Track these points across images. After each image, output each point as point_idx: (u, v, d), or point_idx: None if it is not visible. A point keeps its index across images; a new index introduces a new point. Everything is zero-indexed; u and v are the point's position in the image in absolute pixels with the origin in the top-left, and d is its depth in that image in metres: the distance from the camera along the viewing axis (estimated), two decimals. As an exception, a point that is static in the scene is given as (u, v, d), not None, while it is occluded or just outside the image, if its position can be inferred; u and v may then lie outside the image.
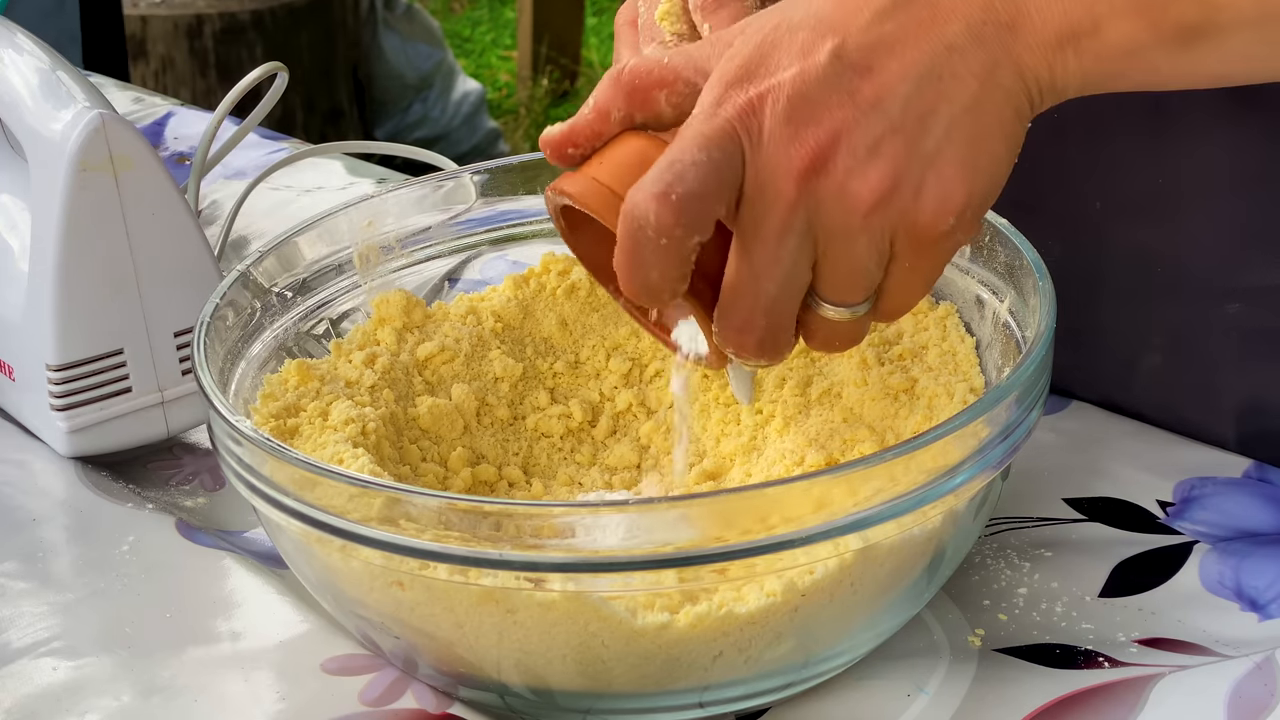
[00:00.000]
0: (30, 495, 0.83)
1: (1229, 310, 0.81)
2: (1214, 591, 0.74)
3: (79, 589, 0.76)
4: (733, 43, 0.62)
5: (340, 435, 0.72)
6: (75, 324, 0.83)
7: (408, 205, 0.84)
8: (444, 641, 0.65)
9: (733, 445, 0.78)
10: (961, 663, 0.70)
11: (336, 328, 0.82)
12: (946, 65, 0.60)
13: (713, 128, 0.60)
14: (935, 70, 0.60)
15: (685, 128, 0.60)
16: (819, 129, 0.59)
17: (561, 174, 0.65)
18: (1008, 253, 0.74)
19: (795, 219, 0.60)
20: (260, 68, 0.96)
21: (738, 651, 0.64)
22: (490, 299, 0.83)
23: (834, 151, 0.59)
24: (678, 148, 0.60)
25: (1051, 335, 0.67)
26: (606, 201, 0.62)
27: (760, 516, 0.60)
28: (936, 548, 0.66)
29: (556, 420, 0.81)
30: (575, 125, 0.64)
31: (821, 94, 0.59)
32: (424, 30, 3.34)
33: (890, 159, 0.60)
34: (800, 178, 0.60)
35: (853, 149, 0.60)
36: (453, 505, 0.61)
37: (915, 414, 0.72)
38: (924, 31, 0.60)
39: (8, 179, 0.90)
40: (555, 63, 3.90)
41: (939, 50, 0.60)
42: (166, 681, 0.70)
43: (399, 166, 1.41)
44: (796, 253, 0.60)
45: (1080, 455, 0.83)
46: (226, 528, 0.82)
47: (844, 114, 0.59)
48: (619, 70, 0.63)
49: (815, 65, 0.60)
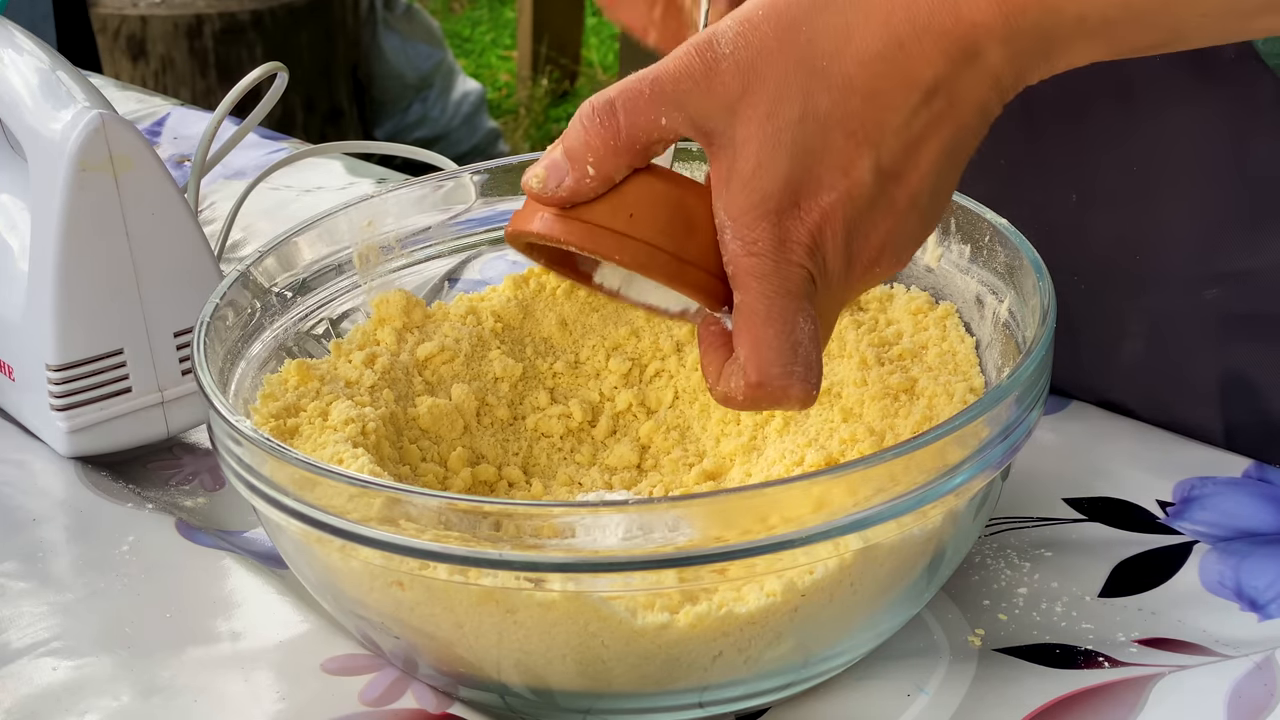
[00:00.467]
0: (30, 495, 0.83)
1: (1207, 296, 0.82)
2: (1214, 591, 0.74)
3: (79, 589, 0.76)
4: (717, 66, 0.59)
5: (340, 435, 0.72)
6: (75, 324, 0.83)
7: (408, 205, 0.84)
8: (444, 641, 0.65)
9: (733, 445, 0.78)
10: (961, 663, 0.70)
11: (336, 328, 0.82)
12: (961, 145, 0.61)
13: (796, 283, 0.60)
14: (951, 151, 0.61)
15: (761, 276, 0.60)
16: (867, 246, 0.61)
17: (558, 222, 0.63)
18: (1008, 253, 0.74)
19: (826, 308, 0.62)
20: (260, 68, 0.96)
21: (737, 651, 0.64)
22: (490, 299, 0.83)
23: (881, 262, 0.62)
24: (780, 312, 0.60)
25: (1051, 335, 0.67)
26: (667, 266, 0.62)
27: (760, 516, 0.60)
28: (936, 548, 0.66)
29: (556, 420, 0.81)
30: (577, 190, 0.61)
31: (869, 215, 0.60)
32: (424, 30, 3.34)
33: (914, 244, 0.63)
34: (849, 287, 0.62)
35: (897, 257, 0.62)
36: (453, 505, 0.61)
37: (915, 414, 0.72)
38: (943, 121, 0.60)
39: (8, 179, 0.90)
40: (555, 63, 3.90)
41: (955, 133, 0.60)
42: (166, 681, 0.70)
43: (399, 166, 1.41)
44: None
45: (1080, 455, 0.83)
46: (226, 528, 0.82)
47: (887, 225, 0.61)
48: (615, 130, 0.60)
49: (860, 185, 0.59)
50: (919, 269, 0.80)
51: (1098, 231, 0.84)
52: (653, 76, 0.60)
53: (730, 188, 0.60)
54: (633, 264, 0.62)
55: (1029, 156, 0.84)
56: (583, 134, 0.61)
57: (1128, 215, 0.83)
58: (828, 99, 0.59)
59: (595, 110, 0.61)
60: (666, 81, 0.60)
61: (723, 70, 0.59)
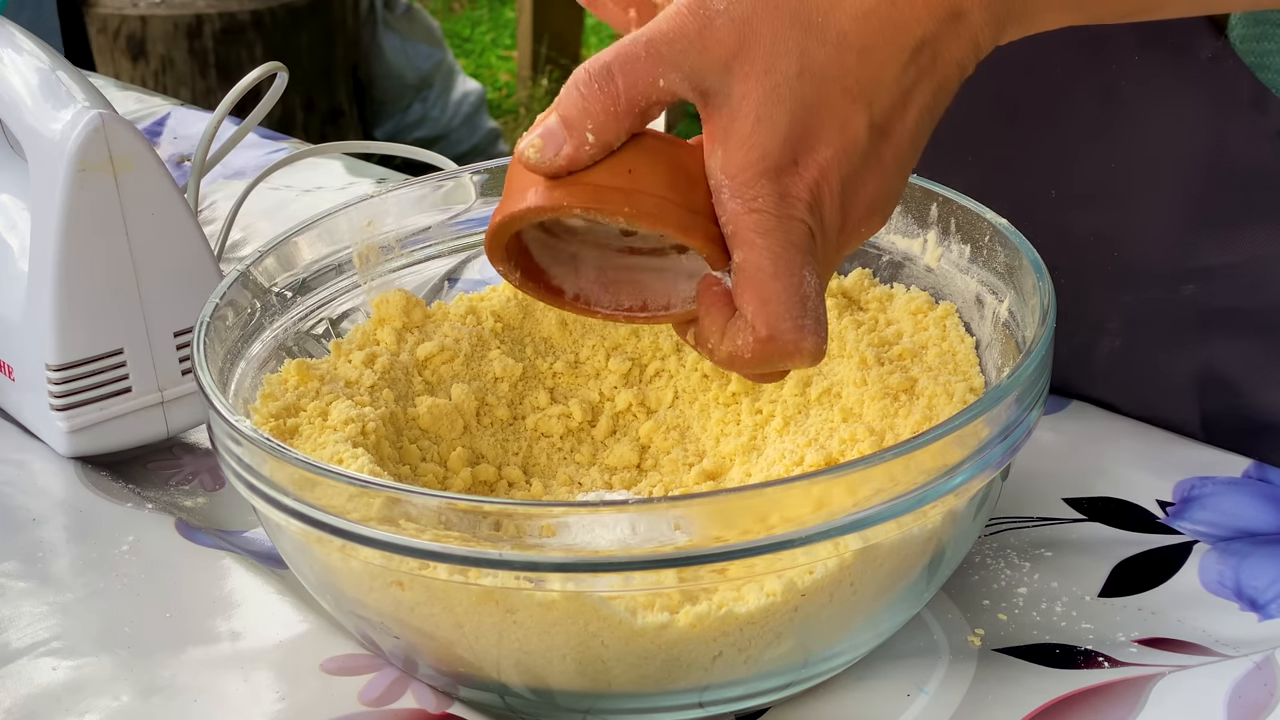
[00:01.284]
0: (30, 495, 0.83)
1: (1184, 291, 0.83)
2: (1214, 591, 0.74)
3: (79, 589, 0.76)
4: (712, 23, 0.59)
5: (340, 435, 0.72)
6: (75, 324, 0.83)
7: (407, 205, 0.84)
8: (444, 641, 0.65)
9: (732, 445, 0.78)
10: (961, 662, 0.70)
11: (336, 328, 0.82)
12: (939, 103, 0.62)
13: (799, 237, 0.60)
14: (931, 112, 0.61)
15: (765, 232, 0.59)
16: (858, 203, 0.61)
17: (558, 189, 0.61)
18: (1008, 253, 0.74)
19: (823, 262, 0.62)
20: (260, 68, 0.96)
21: (737, 651, 0.64)
22: (490, 299, 0.83)
23: (871, 217, 0.62)
24: (787, 266, 0.59)
25: (1051, 335, 0.67)
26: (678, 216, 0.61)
27: (760, 516, 0.60)
28: (936, 548, 0.66)
29: (556, 420, 0.81)
30: (576, 157, 0.61)
31: (861, 171, 0.60)
32: (424, 30, 3.34)
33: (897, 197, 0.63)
34: (844, 242, 0.62)
35: (882, 208, 0.62)
36: (452, 505, 0.61)
37: (915, 414, 0.72)
38: (926, 79, 0.61)
39: (8, 179, 0.90)
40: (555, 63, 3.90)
41: (935, 91, 0.61)
42: (166, 681, 0.70)
43: (399, 166, 1.41)
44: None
45: (1080, 455, 0.83)
46: (226, 528, 0.82)
47: (876, 181, 0.61)
48: (614, 95, 0.60)
49: (855, 142, 0.60)
50: (919, 269, 0.80)
51: (1077, 228, 0.84)
52: (646, 38, 0.60)
53: (728, 146, 0.60)
54: (642, 217, 0.60)
55: (1009, 153, 0.85)
56: (580, 100, 0.60)
57: (1107, 212, 0.84)
58: (823, 54, 0.59)
59: (592, 75, 0.60)
60: (661, 42, 0.59)
61: (717, 27, 0.59)
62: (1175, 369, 0.85)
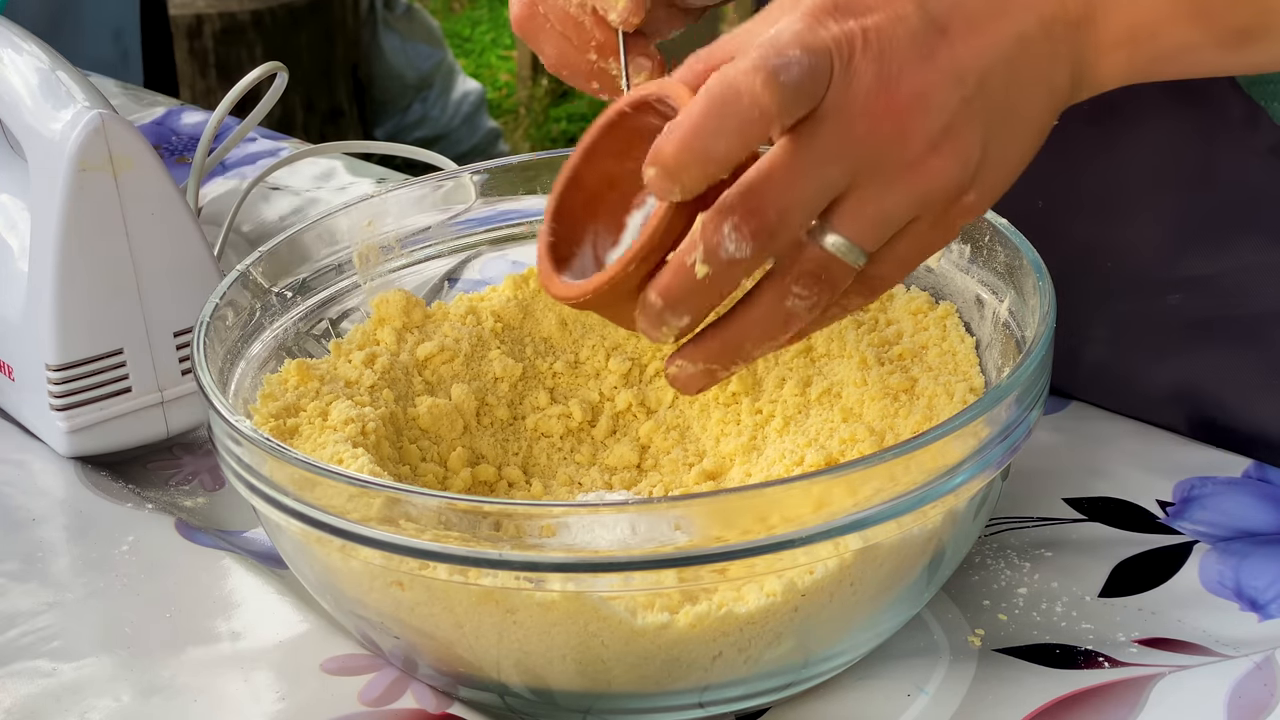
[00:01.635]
0: (30, 495, 0.83)
1: (1170, 301, 0.83)
2: (1214, 591, 0.74)
3: (78, 589, 0.76)
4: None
5: (340, 435, 0.72)
6: (75, 324, 0.83)
7: (408, 205, 0.84)
8: (444, 641, 0.65)
9: (733, 445, 0.78)
10: (961, 663, 0.70)
11: (336, 328, 0.82)
12: (1018, 54, 0.61)
13: (816, 40, 0.59)
14: (1007, 57, 0.61)
15: (780, 32, 0.59)
16: (901, 82, 0.59)
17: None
18: (1008, 253, 0.74)
19: (852, 151, 0.60)
20: (260, 68, 0.96)
21: (737, 651, 0.64)
22: (490, 299, 0.83)
23: (911, 111, 0.60)
24: (780, 42, 0.58)
25: (1051, 335, 0.67)
26: None
27: (760, 516, 0.60)
28: (936, 548, 0.66)
29: (556, 420, 0.81)
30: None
31: (905, 46, 0.59)
32: (424, 30, 3.34)
33: (959, 138, 0.60)
34: (874, 121, 0.59)
35: (927, 114, 0.60)
36: (452, 505, 0.61)
37: (915, 414, 0.72)
38: (1001, 12, 0.60)
39: (8, 179, 0.90)
40: (555, 63, 3.89)
41: (1012, 37, 0.61)
42: (166, 681, 0.70)
43: (399, 166, 1.41)
44: (838, 177, 0.60)
45: (1080, 455, 0.83)
46: (226, 528, 0.82)
47: (924, 76, 0.60)
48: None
49: (902, 14, 0.60)
50: (919, 269, 0.80)
51: (1065, 237, 0.84)
52: None
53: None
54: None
55: None
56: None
57: (1096, 222, 0.84)
58: None
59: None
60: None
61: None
62: (1162, 377, 0.85)
